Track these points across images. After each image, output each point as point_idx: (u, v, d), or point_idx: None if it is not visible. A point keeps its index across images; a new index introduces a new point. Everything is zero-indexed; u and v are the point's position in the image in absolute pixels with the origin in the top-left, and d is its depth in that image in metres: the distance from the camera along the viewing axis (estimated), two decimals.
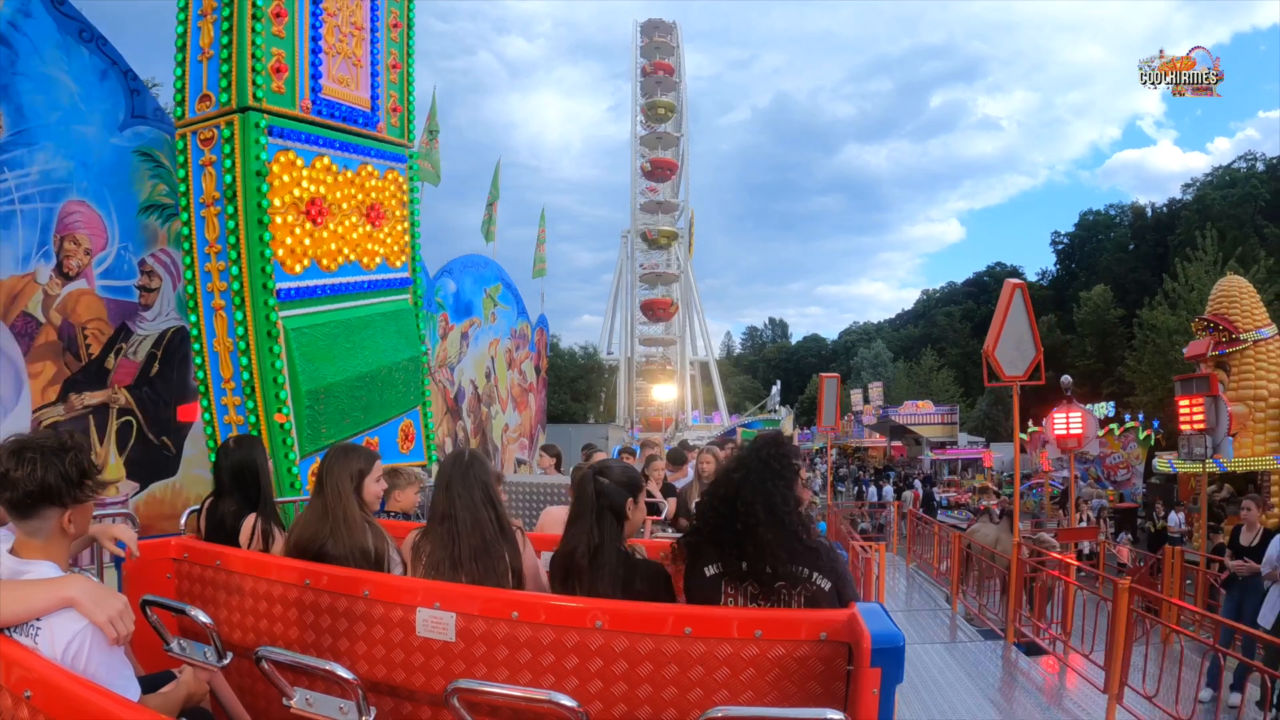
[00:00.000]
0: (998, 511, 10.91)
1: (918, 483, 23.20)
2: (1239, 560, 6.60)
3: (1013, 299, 8.57)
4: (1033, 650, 7.04)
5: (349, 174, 6.13)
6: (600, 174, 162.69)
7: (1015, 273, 72.14)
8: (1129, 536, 15.13)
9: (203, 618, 2.00)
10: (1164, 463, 14.93)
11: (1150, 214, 56.38)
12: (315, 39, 5.72)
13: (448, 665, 2.05)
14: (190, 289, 5.41)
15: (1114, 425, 20.24)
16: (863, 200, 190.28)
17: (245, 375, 5.18)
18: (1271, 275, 27.08)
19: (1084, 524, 13.62)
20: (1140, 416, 20.42)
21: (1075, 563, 8.32)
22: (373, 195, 6.38)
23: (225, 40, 5.15)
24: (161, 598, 2.24)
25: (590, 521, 2.26)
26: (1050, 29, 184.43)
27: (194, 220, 5.37)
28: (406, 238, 6.86)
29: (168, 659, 2.15)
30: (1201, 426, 9.83)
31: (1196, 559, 8.91)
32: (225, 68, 5.18)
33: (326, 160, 5.87)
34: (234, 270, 5.19)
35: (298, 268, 5.54)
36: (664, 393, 33.20)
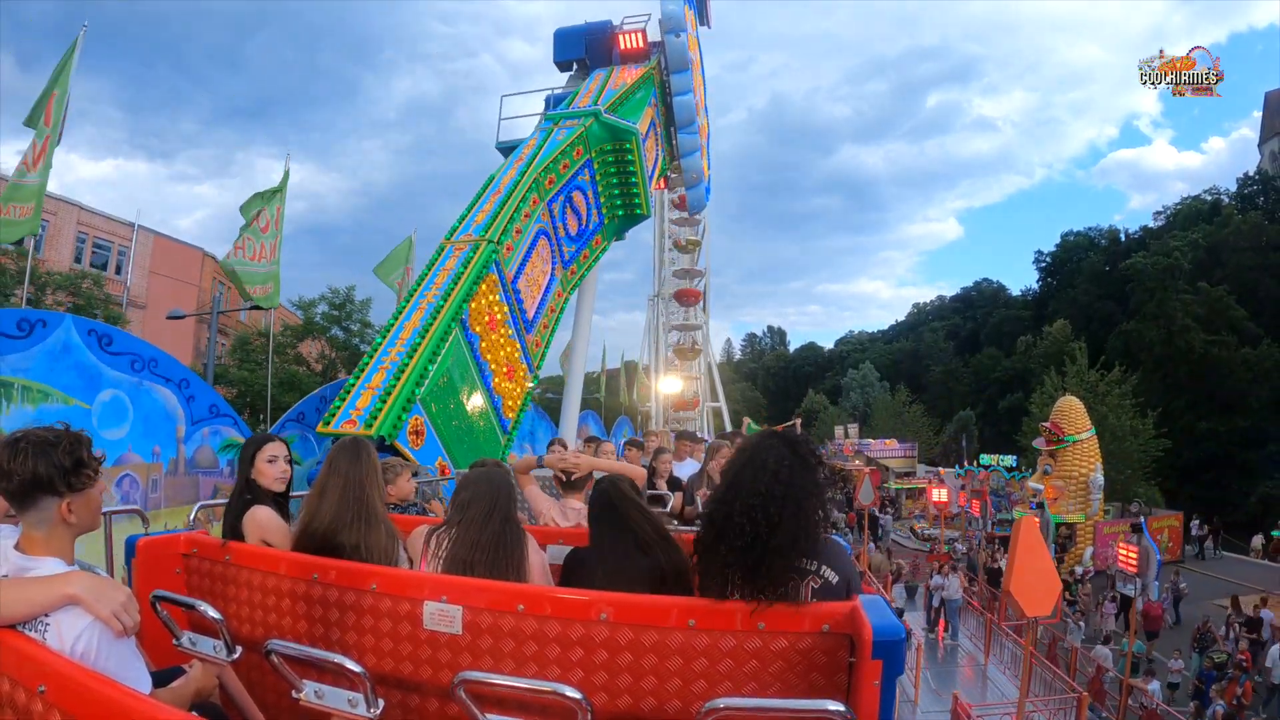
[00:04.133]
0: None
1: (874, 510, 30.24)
2: None
3: (864, 479, 20.98)
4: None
5: (509, 331, 8.81)
6: None
7: (1001, 289, 74.44)
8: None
9: (212, 612, 2.02)
10: (1022, 511, 22.76)
11: (1124, 238, 60.36)
12: (523, 262, 9.10)
13: (455, 658, 2.07)
14: (406, 300, 7.93)
15: (1014, 473, 29.67)
16: (860, 200, 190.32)
17: (413, 344, 7.10)
18: (1125, 375, 37.04)
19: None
20: (1030, 471, 28.14)
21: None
22: (513, 361, 8.93)
23: (496, 212, 8.58)
24: (171, 593, 2.26)
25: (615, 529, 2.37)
26: (1047, 29, 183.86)
27: (430, 274, 8.09)
28: (518, 405, 9.07)
29: (178, 654, 2.17)
30: (1134, 569, 12.66)
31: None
32: (491, 222, 8.51)
33: (506, 309, 8.70)
34: (444, 295, 7.67)
35: (471, 328, 7.94)
36: (669, 385, 34.58)
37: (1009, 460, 31.93)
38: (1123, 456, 32.73)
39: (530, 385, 9.40)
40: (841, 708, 1.54)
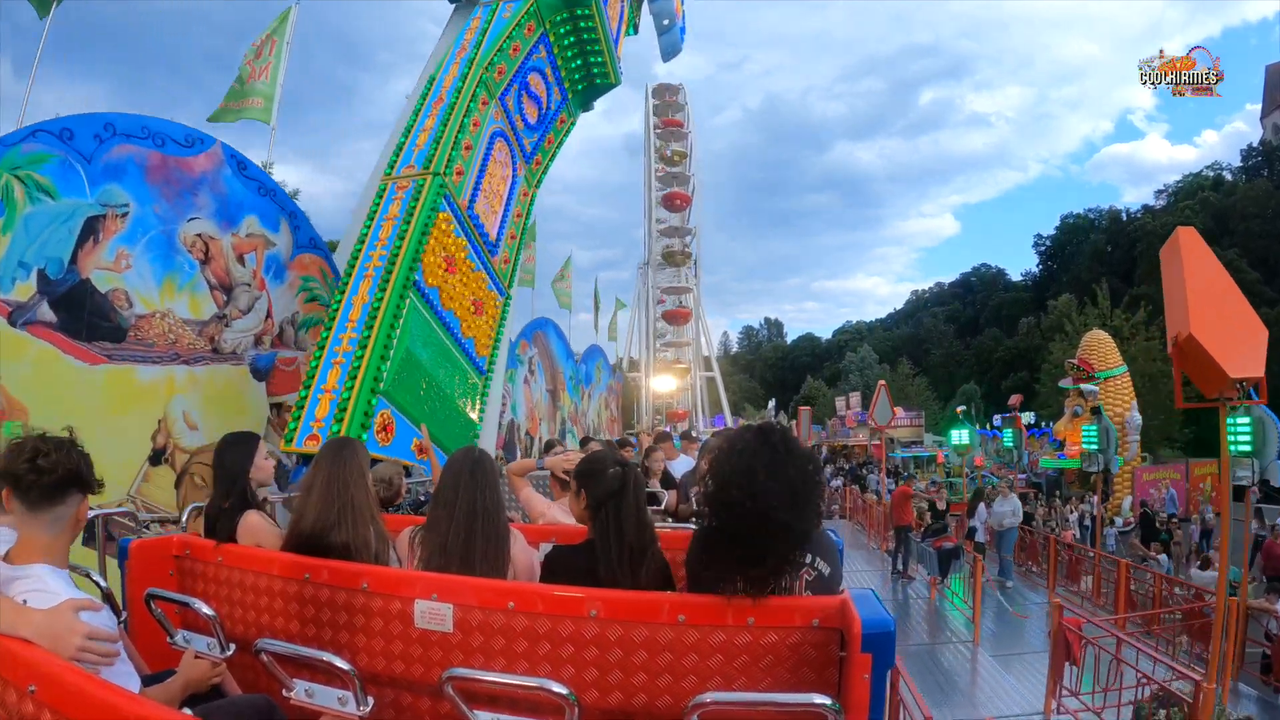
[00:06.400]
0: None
1: (871, 477, 29.43)
2: None
3: (880, 392, 18.28)
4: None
5: (472, 265, 8.02)
6: (597, 174, 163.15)
7: (1000, 274, 74.45)
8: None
9: (206, 610, 2.03)
10: (1050, 460, 21.82)
11: (1125, 217, 58.85)
12: (479, 177, 8.09)
13: (445, 656, 2.07)
14: (350, 265, 7.04)
15: (1032, 430, 26.84)
16: (856, 197, 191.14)
17: (368, 323, 6.52)
18: (1151, 316, 34.62)
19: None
20: (1049, 425, 25.22)
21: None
22: (480, 295, 8.19)
23: (437, 137, 7.49)
24: (165, 591, 2.27)
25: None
26: (1041, 25, 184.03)
27: (374, 226, 7.17)
28: (491, 342, 8.55)
29: (173, 655, 2.18)
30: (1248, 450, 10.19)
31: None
32: (432, 149, 7.42)
33: (464, 243, 7.86)
34: (393, 254, 6.84)
35: (429, 284, 7.19)
36: (663, 383, 34.62)
37: (1027, 417, 28.68)
38: (1155, 401, 29.77)
39: (503, 307, 8.79)
40: (828, 701, 1.54)
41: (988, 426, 30.52)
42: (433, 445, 6.89)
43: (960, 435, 22.02)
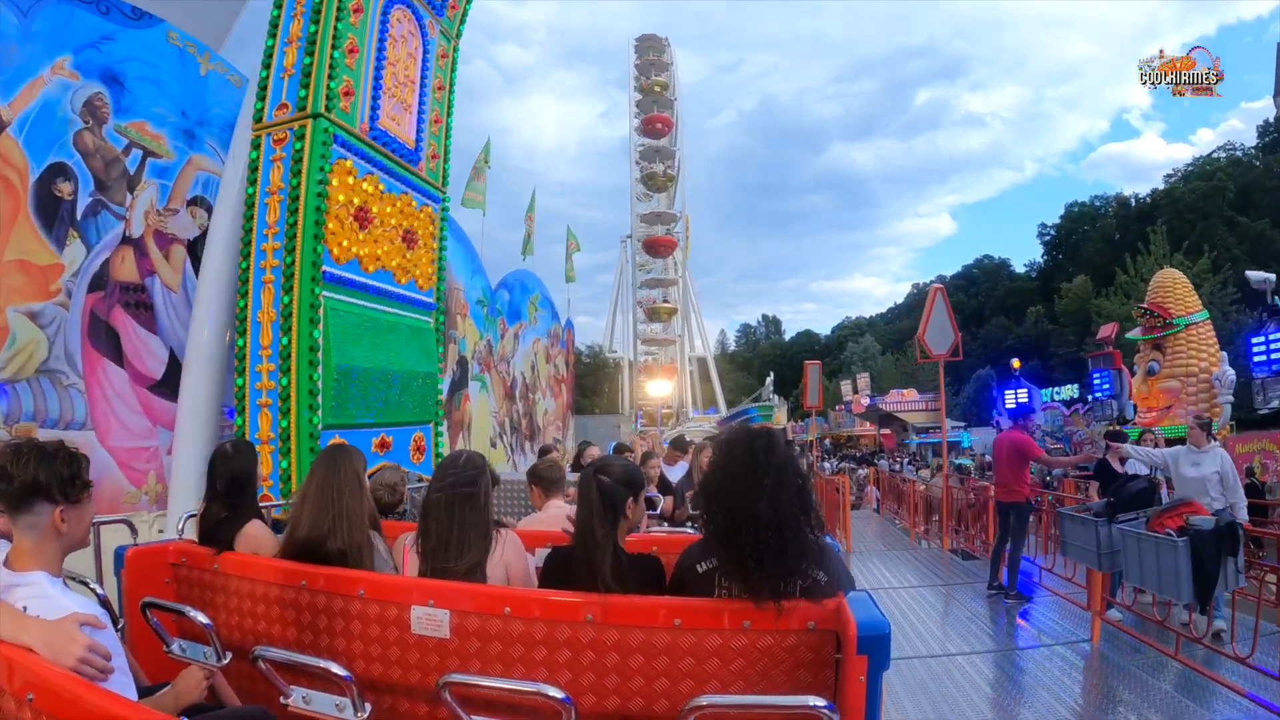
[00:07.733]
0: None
1: (881, 462, 28.09)
2: None
3: (935, 299, 12.31)
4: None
5: (392, 197, 6.78)
6: (595, 176, 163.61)
7: (1003, 265, 73.47)
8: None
9: (201, 618, 2.03)
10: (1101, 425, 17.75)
11: (1134, 204, 57.77)
12: (378, 78, 6.53)
13: (442, 661, 2.08)
14: (244, 264, 5.79)
15: (1078, 406, 22.45)
16: (852, 197, 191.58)
17: (284, 343, 5.51)
18: (1217, 265, 30.73)
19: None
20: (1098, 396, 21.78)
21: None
22: (409, 221, 7.03)
23: (307, 60, 5.79)
24: (161, 600, 2.27)
25: (596, 519, 2.29)
26: (1037, 24, 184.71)
27: (257, 205, 5.79)
28: (434, 267, 7.51)
29: (170, 664, 2.18)
30: None
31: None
32: (305, 80, 5.78)
33: (376, 178, 6.48)
34: (288, 247, 5.61)
35: (343, 259, 6.03)
36: (658, 388, 34.31)
37: (1067, 392, 24.29)
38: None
39: (440, 214, 7.60)
40: (823, 703, 1.55)
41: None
42: (392, 434, 6.57)
43: (1017, 394, 18.62)
